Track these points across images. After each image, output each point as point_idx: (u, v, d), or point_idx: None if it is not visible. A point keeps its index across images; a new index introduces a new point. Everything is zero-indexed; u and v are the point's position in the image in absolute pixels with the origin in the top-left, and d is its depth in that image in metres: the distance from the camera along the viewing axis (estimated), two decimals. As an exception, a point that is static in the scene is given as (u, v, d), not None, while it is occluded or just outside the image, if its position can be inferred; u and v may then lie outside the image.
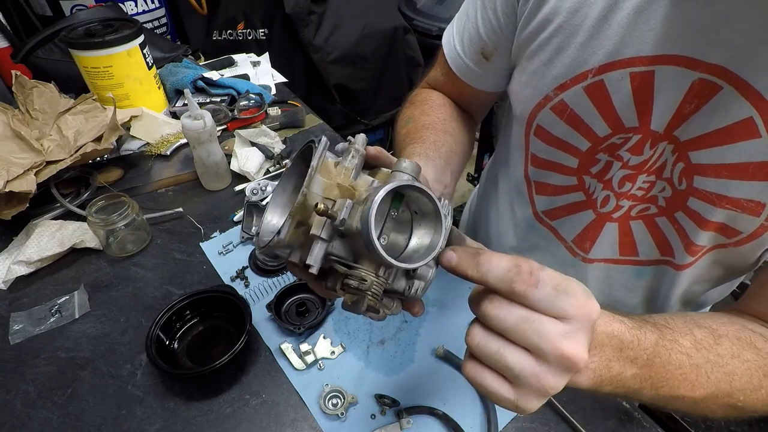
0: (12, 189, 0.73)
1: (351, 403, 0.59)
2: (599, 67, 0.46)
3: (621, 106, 0.46)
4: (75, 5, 1.38)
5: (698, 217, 0.47)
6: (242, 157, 0.95)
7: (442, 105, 0.64)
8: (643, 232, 0.53)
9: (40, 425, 0.57)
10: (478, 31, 0.57)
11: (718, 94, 0.41)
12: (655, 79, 0.43)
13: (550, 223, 0.62)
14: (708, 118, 0.42)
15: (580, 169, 0.54)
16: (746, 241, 0.45)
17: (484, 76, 0.61)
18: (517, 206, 0.67)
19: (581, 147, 0.52)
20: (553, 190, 0.59)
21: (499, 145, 0.73)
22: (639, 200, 0.51)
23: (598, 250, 0.58)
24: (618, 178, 0.51)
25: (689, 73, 0.42)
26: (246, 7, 1.67)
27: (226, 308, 0.66)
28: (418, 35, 1.90)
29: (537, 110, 0.54)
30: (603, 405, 0.59)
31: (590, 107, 0.48)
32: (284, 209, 0.37)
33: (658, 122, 0.45)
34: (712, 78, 0.41)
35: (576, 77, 0.48)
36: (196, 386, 0.61)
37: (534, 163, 0.60)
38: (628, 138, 0.48)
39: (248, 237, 0.81)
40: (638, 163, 0.49)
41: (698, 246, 0.49)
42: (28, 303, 0.71)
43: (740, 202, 0.43)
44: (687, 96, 0.42)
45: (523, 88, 0.55)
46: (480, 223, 0.83)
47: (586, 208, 0.56)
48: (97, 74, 0.99)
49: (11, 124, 0.82)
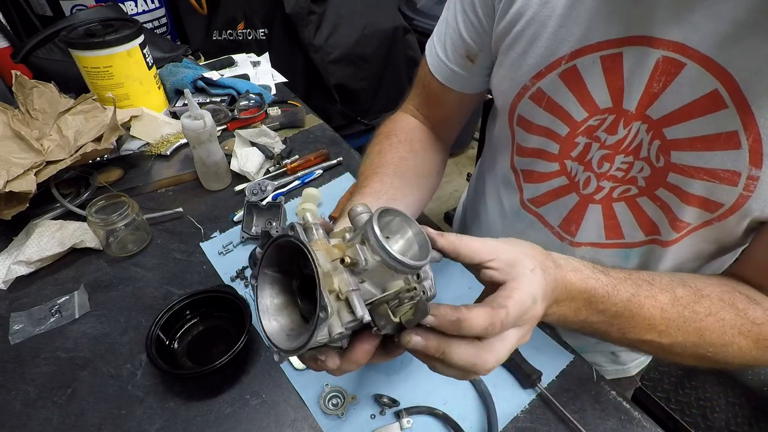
0: (12, 189, 0.73)
1: (351, 403, 0.59)
2: (571, 54, 0.48)
3: (594, 88, 0.49)
4: (75, 5, 1.38)
5: (679, 190, 0.48)
6: (242, 157, 0.95)
7: (404, 141, 0.65)
8: (626, 214, 0.55)
9: (40, 425, 0.57)
10: (461, 35, 0.59)
11: (683, 70, 0.43)
12: (623, 59, 0.46)
13: (536, 210, 0.64)
14: (677, 94, 0.44)
15: (561, 155, 0.56)
16: (729, 214, 0.47)
17: (469, 78, 0.63)
18: (504, 197, 0.69)
19: (561, 132, 0.54)
20: (539, 177, 0.61)
21: (486, 142, 0.76)
22: (619, 181, 0.53)
23: (584, 233, 0.60)
24: (597, 159, 0.53)
25: (651, 52, 0.44)
26: (246, 7, 1.66)
27: (226, 308, 0.66)
28: (418, 35, 1.90)
29: (517, 101, 0.56)
30: (603, 405, 0.59)
31: (566, 93, 0.51)
32: (283, 310, 0.37)
33: (629, 101, 0.47)
34: (675, 55, 0.43)
35: (550, 65, 0.50)
36: (196, 386, 0.61)
37: (519, 153, 0.62)
38: (604, 119, 0.50)
39: (248, 237, 0.81)
40: (614, 143, 0.51)
41: (683, 222, 0.51)
42: (28, 303, 0.71)
43: (717, 173, 0.45)
44: (653, 74, 0.45)
45: (502, 81, 0.57)
46: (471, 217, 0.85)
47: (569, 191, 0.58)
48: (97, 74, 0.99)
49: (11, 124, 0.83)
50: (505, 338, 0.36)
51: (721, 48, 0.40)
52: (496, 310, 0.34)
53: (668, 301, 0.44)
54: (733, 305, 0.45)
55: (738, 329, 0.45)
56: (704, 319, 0.44)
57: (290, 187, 0.94)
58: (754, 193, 0.44)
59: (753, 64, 0.39)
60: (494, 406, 0.57)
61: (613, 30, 0.45)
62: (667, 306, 0.43)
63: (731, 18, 0.39)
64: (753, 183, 0.43)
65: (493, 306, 0.34)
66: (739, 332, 0.45)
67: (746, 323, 0.45)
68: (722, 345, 0.45)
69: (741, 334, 0.45)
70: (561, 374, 0.62)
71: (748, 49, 0.39)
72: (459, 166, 2.62)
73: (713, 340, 0.44)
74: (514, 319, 0.35)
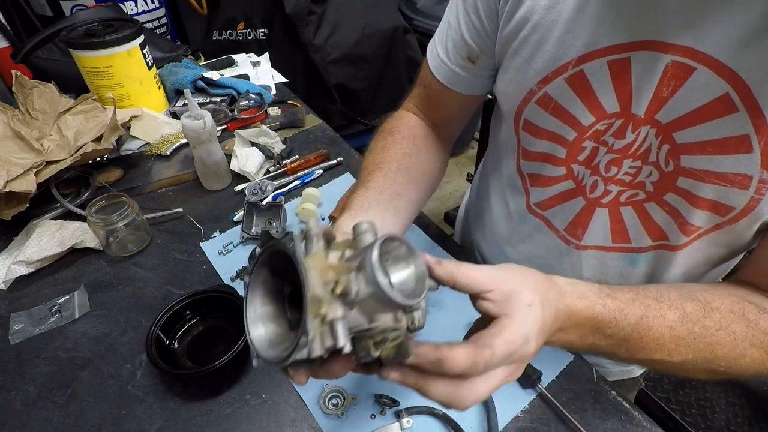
0: (12, 189, 0.73)
1: (351, 403, 0.59)
2: (578, 58, 0.48)
3: (602, 93, 0.49)
4: (75, 5, 1.38)
5: (689, 195, 0.48)
6: (242, 157, 0.95)
7: (407, 138, 0.65)
8: (633, 218, 0.55)
9: (40, 425, 0.57)
10: (462, 36, 0.59)
11: (693, 74, 0.43)
12: (632, 64, 0.46)
13: (543, 214, 0.64)
14: (687, 98, 0.44)
15: (568, 159, 0.56)
16: (740, 217, 0.47)
17: (470, 80, 0.62)
18: (510, 200, 0.69)
19: (568, 137, 0.54)
20: (545, 181, 0.61)
21: (490, 144, 0.75)
22: (627, 186, 0.53)
23: (590, 236, 0.60)
24: (604, 163, 0.53)
25: (661, 57, 0.44)
26: (246, 7, 1.67)
27: (226, 308, 0.67)
28: (418, 35, 1.90)
29: (523, 105, 0.56)
30: (603, 405, 0.59)
31: (573, 97, 0.51)
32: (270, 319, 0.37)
33: (638, 106, 0.47)
34: (685, 60, 0.43)
35: (557, 70, 0.50)
36: (196, 386, 0.61)
37: (525, 157, 0.62)
38: (611, 123, 0.50)
39: (248, 237, 0.81)
40: (622, 147, 0.50)
41: (693, 226, 0.50)
42: (28, 303, 0.71)
43: (728, 177, 0.45)
44: (663, 79, 0.44)
45: (508, 86, 0.57)
46: (474, 219, 0.85)
47: (576, 195, 0.58)
48: (97, 74, 0.99)
49: (11, 124, 0.83)
50: (490, 377, 0.35)
51: (732, 52, 0.40)
52: (480, 350, 0.33)
53: (677, 319, 0.43)
54: (743, 316, 0.45)
55: (750, 341, 0.44)
56: (715, 334, 0.43)
57: (290, 187, 0.94)
58: (765, 196, 0.44)
59: (765, 68, 0.39)
60: (494, 406, 0.57)
61: (620, 35, 0.45)
62: (677, 324, 0.43)
63: (744, 22, 0.39)
64: (764, 186, 0.43)
65: (478, 345, 0.33)
66: (750, 344, 0.44)
67: (758, 334, 0.44)
68: (734, 358, 0.44)
69: (753, 345, 0.44)
70: (561, 374, 0.62)
71: (759, 53, 0.39)
72: (459, 166, 2.62)
73: (725, 354, 0.44)
74: (501, 359, 0.34)
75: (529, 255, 0.68)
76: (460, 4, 0.58)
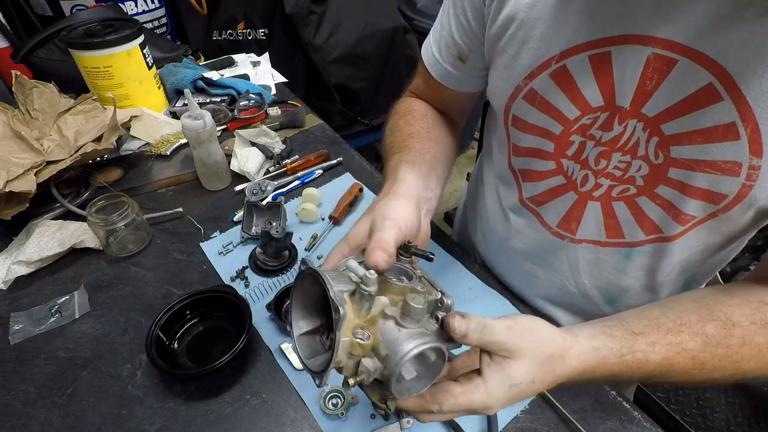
0: (12, 189, 0.73)
1: (351, 403, 0.59)
2: (560, 54, 0.49)
3: (585, 87, 0.50)
4: (75, 5, 1.37)
5: (681, 185, 0.49)
6: (242, 157, 0.95)
7: (424, 114, 0.68)
8: (625, 213, 0.56)
9: (40, 425, 0.57)
10: (453, 37, 0.61)
11: (675, 66, 0.43)
12: (612, 58, 0.47)
13: (536, 209, 0.64)
14: (671, 90, 0.45)
15: (556, 153, 0.57)
16: (733, 204, 0.47)
17: (462, 78, 0.65)
18: (502, 196, 0.70)
19: (555, 131, 0.55)
20: (536, 176, 0.62)
21: (484, 142, 0.77)
22: (617, 180, 0.54)
23: (583, 230, 0.60)
24: (593, 156, 0.54)
25: (641, 50, 0.44)
26: (246, 7, 1.66)
27: (226, 308, 0.67)
28: (418, 35, 1.90)
29: (510, 101, 0.57)
30: (603, 405, 0.59)
31: (557, 92, 0.52)
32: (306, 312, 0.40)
33: (622, 98, 0.48)
34: (665, 52, 0.43)
35: (541, 65, 0.51)
36: (196, 386, 0.61)
37: (515, 153, 0.63)
38: (597, 117, 0.51)
39: (248, 237, 0.81)
40: (610, 140, 0.51)
41: (688, 215, 0.51)
42: (28, 303, 0.71)
43: (718, 164, 0.45)
44: (645, 72, 0.45)
45: (497, 83, 0.59)
46: (471, 216, 0.86)
47: (567, 190, 0.59)
48: (97, 74, 0.99)
49: (11, 124, 0.83)
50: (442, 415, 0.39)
51: (711, 42, 0.41)
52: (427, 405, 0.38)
53: (699, 347, 0.43)
54: (764, 324, 0.44)
55: None
56: (739, 351, 0.43)
57: (290, 187, 0.94)
58: (756, 182, 0.44)
59: (744, 56, 0.40)
60: (494, 406, 0.57)
61: (599, 30, 0.46)
62: (699, 353, 0.43)
63: (716, 12, 0.39)
64: (755, 173, 0.44)
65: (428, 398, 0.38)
66: None
67: None
68: (761, 368, 0.45)
69: None
70: (561, 374, 0.62)
71: (737, 41, 0.40)
72: (459, 166, 2.61)
73: (752, 367, 0.44)
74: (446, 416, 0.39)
75: (525, 251, 0.69)
76: (450, 6, 0.60)
